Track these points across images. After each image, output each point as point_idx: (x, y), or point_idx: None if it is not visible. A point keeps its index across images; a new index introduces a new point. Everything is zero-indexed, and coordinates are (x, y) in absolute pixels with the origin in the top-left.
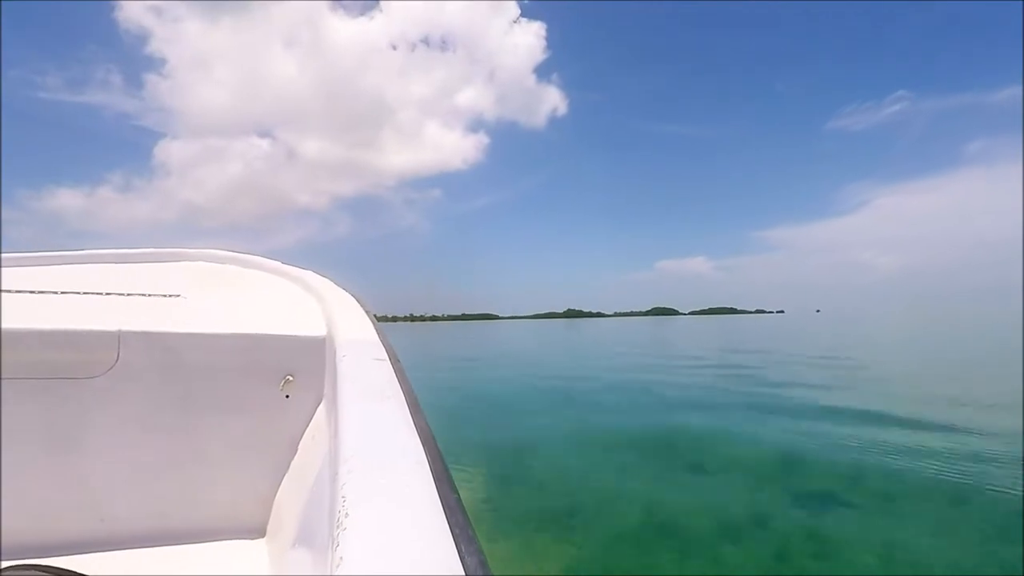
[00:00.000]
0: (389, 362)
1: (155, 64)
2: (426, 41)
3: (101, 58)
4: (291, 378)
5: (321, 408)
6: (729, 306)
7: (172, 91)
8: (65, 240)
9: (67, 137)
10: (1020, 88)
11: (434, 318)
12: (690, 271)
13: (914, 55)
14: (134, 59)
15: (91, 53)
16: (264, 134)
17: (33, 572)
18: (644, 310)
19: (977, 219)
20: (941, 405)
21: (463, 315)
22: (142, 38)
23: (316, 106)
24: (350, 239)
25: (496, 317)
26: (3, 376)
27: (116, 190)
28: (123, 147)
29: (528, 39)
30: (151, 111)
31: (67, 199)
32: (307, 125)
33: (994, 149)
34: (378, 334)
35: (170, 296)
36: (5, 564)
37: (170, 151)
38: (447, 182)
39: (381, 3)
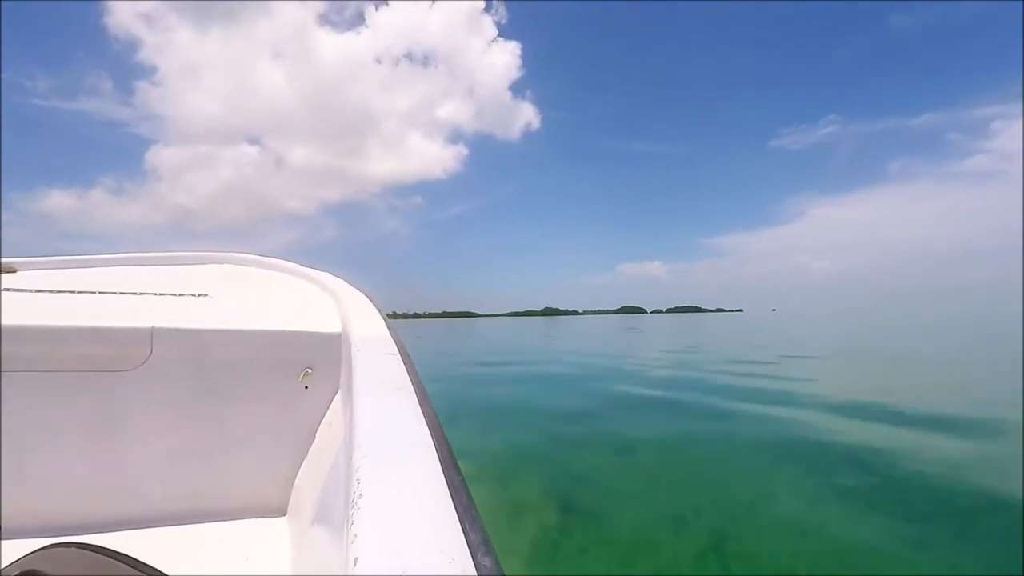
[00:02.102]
0: (400, 356)
1: (146, 72)
2: (409, 57)
3: (92, 65)
4: (310, 371)
5: (337, 398)
6: (694, 305)
7: (163, 99)
8: (57, 242)
9: (59, 142)
10: (935, 115)
11: (416, 316)
12: (648, 274)
13: (844, 83)
14: (125, 67)
15: (82, 61)
16: (253, 141)
17: (73, 550)
18: (614, 309)
19: (897, 229)
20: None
21: (444, 312)
22: (133, 46)
23: (303, 115)
24: (337, 242)
25: (476, 315)
26: (49, 369)
27: (108, 193)
28: (114, 152)
29: (505, 58)
30: (142, 118)
31: (59, 201)
32: (295, 133)
33: (912, 167)
34: (389, 331)
35: (198, 295)
36: (50, 541)
37: (161, 157)
38: (428, 190)
39: (367, 20)
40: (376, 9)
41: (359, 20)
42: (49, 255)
